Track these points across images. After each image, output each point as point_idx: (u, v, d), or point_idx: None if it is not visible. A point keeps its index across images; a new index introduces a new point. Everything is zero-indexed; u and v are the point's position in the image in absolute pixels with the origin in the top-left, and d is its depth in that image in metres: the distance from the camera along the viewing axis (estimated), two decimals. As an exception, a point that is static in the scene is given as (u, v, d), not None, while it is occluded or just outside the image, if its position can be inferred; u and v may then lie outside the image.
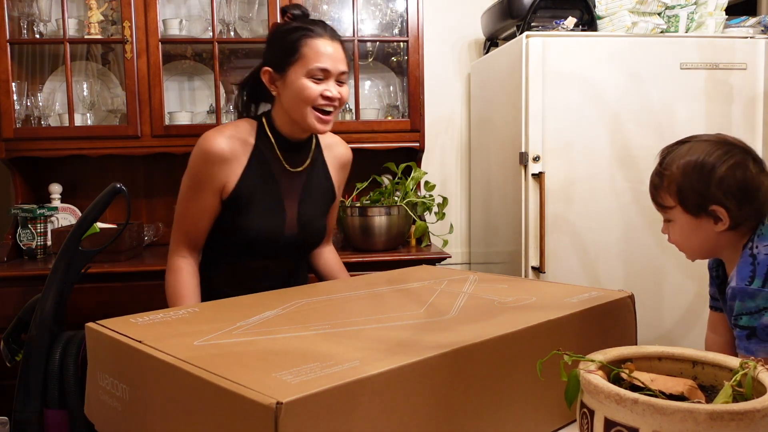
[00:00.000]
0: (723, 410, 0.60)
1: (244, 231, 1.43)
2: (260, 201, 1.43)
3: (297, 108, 1.40)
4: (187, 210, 1.45)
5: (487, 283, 1.27)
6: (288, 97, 1.41)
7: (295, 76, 1.38)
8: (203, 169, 1.41)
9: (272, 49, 1.43)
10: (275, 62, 1.42)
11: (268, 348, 0.80)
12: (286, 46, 1.39)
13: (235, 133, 1.44)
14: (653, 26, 2.35)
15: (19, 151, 2.38)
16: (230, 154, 1.41)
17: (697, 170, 1.13)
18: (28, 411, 1.17)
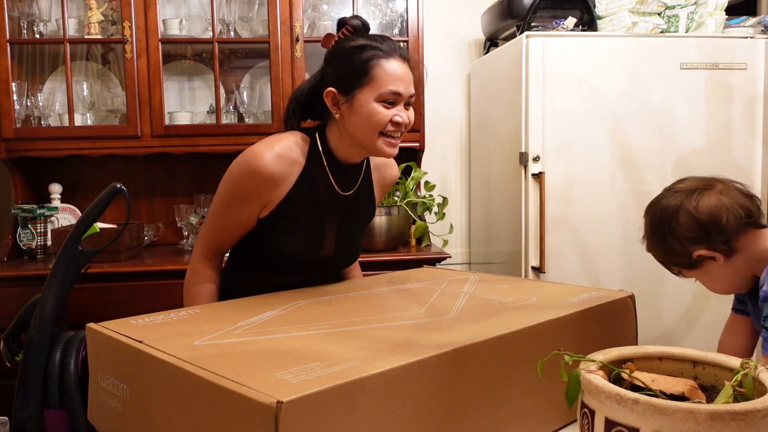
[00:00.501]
0: (723, 410, 0.60)
1: (279, 250, 1.36)
2: (301, 223, 1.36)
3: (365, 133, 1.29)
4: (220, 220, 1.36)
5: (487, 283, 1.27)
6: (355, 122, 1.29)
7: (364, 100, 1.27)
8: (247, 186, 1.31)
9: (337, 68, 1.30)
10: (341, 83, 1.29)
11: (268, 348, 0.80)
12: (355, 67, 1.27)
13: (286, 151, 1.32)
14: (653, 26, 2.35)
15: (19, 151, 2.38)
16: (279, 175, 1.30)
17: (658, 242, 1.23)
18: (28, 411, 1.17)
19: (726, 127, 2.30)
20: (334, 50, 1.33)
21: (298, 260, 1.37)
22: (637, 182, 2.28)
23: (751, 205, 1.17)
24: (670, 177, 2.29)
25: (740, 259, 1.17)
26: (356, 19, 1.34)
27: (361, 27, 1.33)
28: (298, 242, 1.36)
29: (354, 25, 1.33)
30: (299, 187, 1.33)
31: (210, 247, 1.39)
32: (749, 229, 1.16)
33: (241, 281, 1.44)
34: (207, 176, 2.70)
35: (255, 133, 2.46)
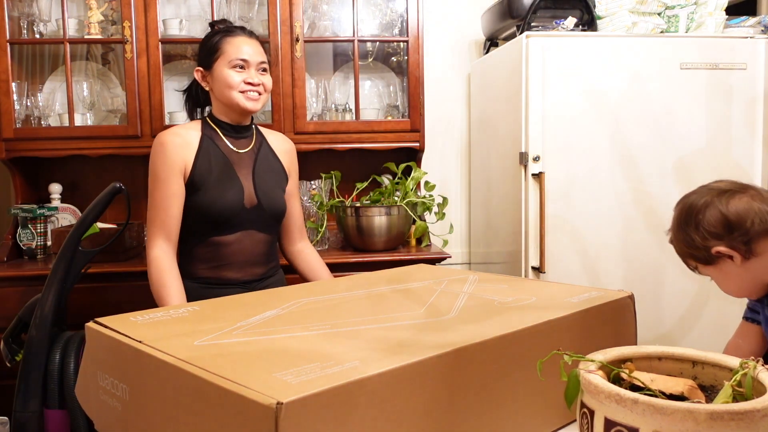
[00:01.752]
0: (723, 410, 0.60)
1: (207, 205, 1.60)
2: (216, 177, 1.62)
3: (226, 94, 1.63)
4: (156, 200, 1.59)
5: (487, 283, 1.27)
6: (219, 87, 1.65)
7: (220, 69, 1.64)
8: (165, 157, 1.59)
9: (200, 53, 1.70)
10: (203, 62, 1.67)
11: (268, 348, 0.80)
12: (210, 47, 1.66)
13: (180, 127, 1.68)
14: (653, 26, 2.35)
15: (19, 151, 2.38)
16: (181, 140, 1.62)
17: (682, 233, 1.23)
18: (28, 411, 1.17)
19: (726, 127, 2.30)
20: (201, 43, 1.71)
21: (227, 211, 1.61)
22: (637, 182, 2.28)
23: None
24: (670, 177, 2.29)
25: (757, 264, 1.17)
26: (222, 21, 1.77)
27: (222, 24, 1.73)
28: (219, 195, 1.60)
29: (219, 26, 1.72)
30: (202, 149, 1.63)
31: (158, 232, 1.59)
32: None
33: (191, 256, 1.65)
34: (207, 176, 2.70)
35: (255, 133, 2.46)
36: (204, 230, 1.63)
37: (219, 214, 1.61)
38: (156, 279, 1.55)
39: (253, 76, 1.64)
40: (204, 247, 1.64)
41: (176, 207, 1.60)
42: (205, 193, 1.60)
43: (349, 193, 2.47)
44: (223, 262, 1.64)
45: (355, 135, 2.50)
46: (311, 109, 2.58)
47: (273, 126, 2.44)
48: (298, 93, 2.45)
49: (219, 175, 1.62)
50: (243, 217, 1.64)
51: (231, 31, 1.67)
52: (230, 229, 1.64)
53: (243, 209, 1.64)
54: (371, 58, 2.72)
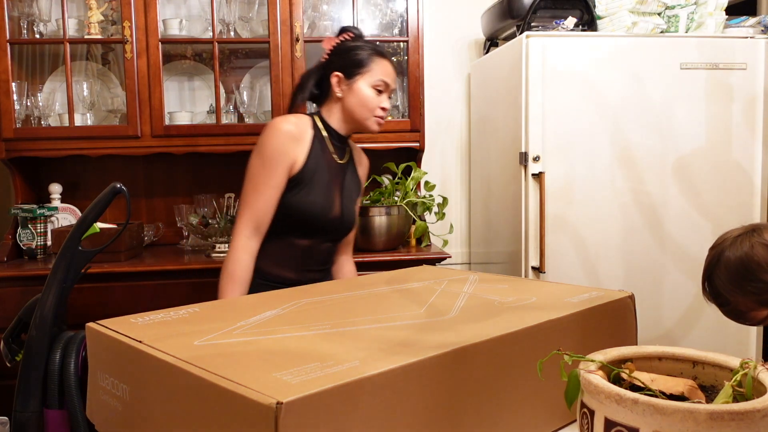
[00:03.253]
0: (723, 410, 0.60)
1: (303, 208, 1.60)
2: (318, 182, 1.62)
3: (360, 111, 1.65)
4: (258, 187, 1.56)
5: (487, 283, 1.27)
6: (353, 101, 1.64)
7: (362, 85, 1.64)
8: (277, 145, 1.57)
9: (344, 59, 1.66)
10: (346, 70, 1.65)
11: (268, 348, 0.80)
12: (358, 59, 1.64)
13: (298, 119, 1.64)
14: (653, 26, 2.35)
15: (19, 151, 2.38)
16: (298, 133, 1.60)
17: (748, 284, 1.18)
18: (28, 411, 1.17)
19: (726, 127, 2.30)
20: (340, 47, 1.68)
21: (315, 218, 1.62)
22: (637, 182, 2.28)
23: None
24: (670, 177, 2.29)
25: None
26: (356, 29, 1.74)
27: (360, 34, 1.73)
28: (316, 201, 1.61)
29: (355, 32, 1.72)
30: (314, 148, 1.62)
31: (249, 221, 1.56)
32: None
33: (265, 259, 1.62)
34: (207, 176, 2.70)
35: (255, 133, 2.44)
36: (285, 229, 1.62)
37: (308, 219, 1.62)
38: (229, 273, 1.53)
39: (385, 102, 1.67)
40: (277, 243, 1.63)
41: (275, 199, 1.57)
42: (304, 195, 1.60)
43: (349, 193, 2.47)
44: (289, 263, 1.65)
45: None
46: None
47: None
48: (298, 93, 2.45)
49: (322, 181, 1.63)
50: (324, 226, 1.65)
51: (381, 52, 1.66)
52: (309, 235, 1.65)
53: (327, 219, 1.65)
54: (371, 58, 2.72)
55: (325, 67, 1.69)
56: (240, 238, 1.55)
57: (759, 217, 2.34)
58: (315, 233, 1.65)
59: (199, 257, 2.32)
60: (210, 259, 2.27)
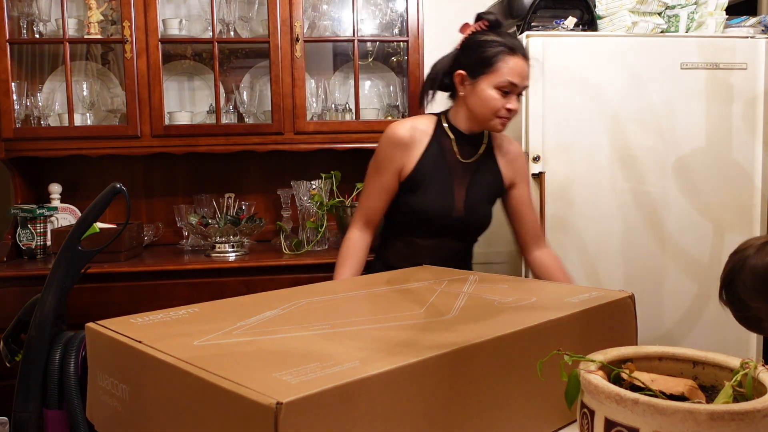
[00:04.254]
0: (723, 410, 0.60)
1: (417, 209, 1.63)
2: (433, 184, 1.63)
3: (482, 112, 1.59)
4: (367, 188, 1.68)
5: (487, 283, 1.27)
6: (475, 102, 1.59)
7: (485, 86, 1.57)
8: (386, 152, 1.64)
9: (470, 56, 1.60)
10: (470, 68, 1.59)
11: (268, 348, 0.80)
12: (484, 58, 1.56)
13: (415, 124, 1.66)
14: (653, 26, 2.35)
15: (19, 151, 2.38)
16: (410, 139, 1.63)
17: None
18: (27, 411, 1.17)
19: (726, 127, 2.30)
20: (470, 40, 1.62)
21: (432, 219, 1.63)
22: (637, 182, 2.28)
23: None
24: (670, 177, 2.29)
25: None
26: (492, 14, 1.63)
27: (495, 23, 1.63)
28: (432, 202, 1.62)
29: (490, 21, 1.62)
30: (428, 153, 1.63)
31: (361, 216, 1.69)
32: None
33: (389, 246, 1.73)
34: (207, 176, 2.70)
35: (255, 133, 2.46)
36: (406, 229, 1.68)
37: (425, 221, 1.64)
38: (341, 256, 1.69)
39: (513, 102, 1.59)
40: (402, 242, 1.70)
41: (383, 200, 1.67)
42: (418, 197, 1.63)
43: (349, 193, 2.47)
44: (415, 261, 1.63)
45: (355, 135, 2.50)
46: (311, 109, 2.58)
47: (273, 126, 2.44)
48: (298, 93, 2.45)
49: (437, 183, 1.63)
50: (446, 226, 1.66)
51: (513, 49, 1.57)
52: (431, 235, 1.67)
53: (448, 219, 1.65)
54: (371, 58, 2.72)
55: (455, 59, 1.65)
56: (353, 230, 1.70)
57: (759, 217, 2.34)
58: (437, 233, 1.67)
59: (198, 257, 2.32)
60: (210, 259, 2.27)
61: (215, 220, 2.39)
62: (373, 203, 1.68)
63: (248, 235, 2.38)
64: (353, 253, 1.68)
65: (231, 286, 2.19)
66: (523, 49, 1.59)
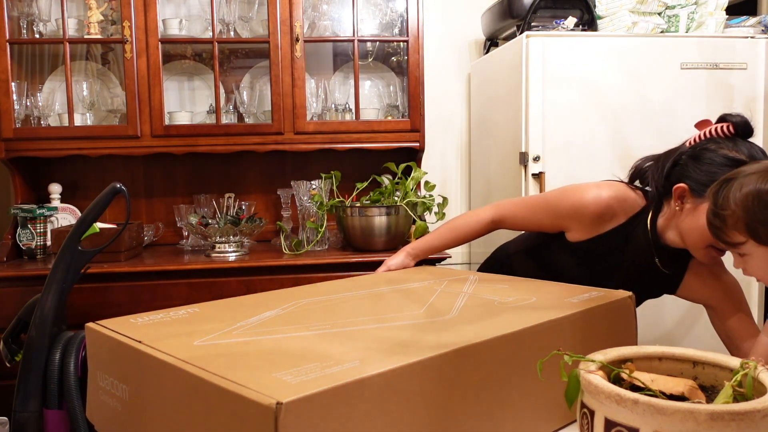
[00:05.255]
0: (723, 410, 0.60)
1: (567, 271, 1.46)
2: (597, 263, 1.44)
3: (695, 239, 1.29)
4: (527, 209, 1.53)
5: (487, 283, 1.27)
6: (691, 224, 1.29)
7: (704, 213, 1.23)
8: (565, 211, 1.44)
9: (702, 172, 1.28)
10: (697, 186, 1.28)
11: (268, 348, 0.80)
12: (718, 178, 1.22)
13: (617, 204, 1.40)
14: (653, 26, 2.35)
15: (18, 151, 2.38)
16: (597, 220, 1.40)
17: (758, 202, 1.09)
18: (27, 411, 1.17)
19: (726, 127, 2.30)
20: (708, 150, 1.29)
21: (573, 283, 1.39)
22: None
23: None
24: (670, 177, 2.29)
25: None
26: (740, 117, 1.32)
27: (744, 129, 1.31)
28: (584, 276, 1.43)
29: (736, 124, 1.30)
30: (611, 237, 1.41)
31: (502, 214, 1.56)
32: None
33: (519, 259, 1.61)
34: (207, 176, 2.70)
35: (255, 133, 2.46)
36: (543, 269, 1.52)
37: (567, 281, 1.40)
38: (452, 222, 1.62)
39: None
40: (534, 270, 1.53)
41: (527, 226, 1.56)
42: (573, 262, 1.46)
43: (349, 193, 2.47)
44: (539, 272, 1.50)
45: (355, 135, 2.50)
46: (311, 109, 2.58)
47: (273, 126, 2.44)
48: (298, 93, 2.45)
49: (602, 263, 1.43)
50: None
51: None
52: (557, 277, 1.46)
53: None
54: (371, 58, 2.72)
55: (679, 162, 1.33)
56: (485, 211, 1.58)
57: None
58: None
59: (198, 257, 2.32)
60: (210, 259, 2.27)
61: (215, 220, 2.39)
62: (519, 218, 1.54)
63: (248, 235, 2.38)
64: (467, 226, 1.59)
65: (231, 286, 2.18)
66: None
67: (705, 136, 1.33)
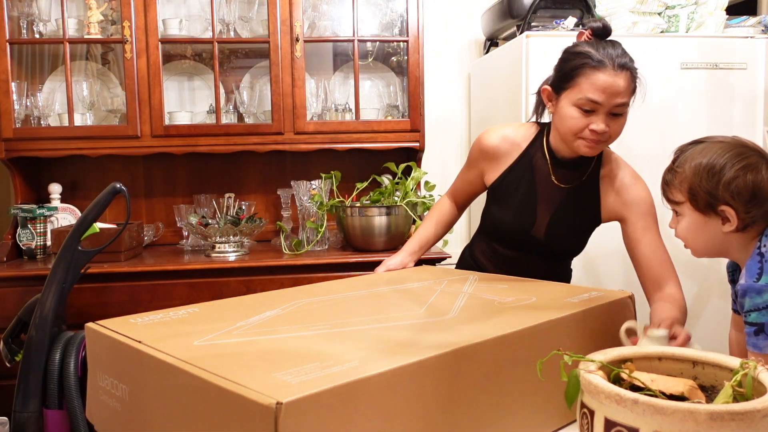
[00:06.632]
0: (723, 410, 0.60)
1: (495, 220, 1.58)
2: (515, 200, 1.54)
3: (563, 132, 1.41)
4: (460, 172, 1.70)
5: (487, 283, 1.27)
6: (557, 121, 1.42)
7: (564, 103, 1.38)
8: (473, 154, 1.61)
9: (557, 69, 1.42)
10: (555, 83, 1.42)
11: (268, 348, 0.80)
12: (566, 71, 1.38)
13: (511, 134, 1.56)
14: (653, 26, 2.35)
15: (19, 151, 2.38)
16: (495, 149, 1.55)
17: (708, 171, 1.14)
18: (27, 411, 1.17)
19: (726, 127, 2.30)
20: (565, 53, 1.41)
21: (508, 232, 1.57)
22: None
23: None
24: (670, 177, 2.29)
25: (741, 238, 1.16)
26: (599, 22, 1.41)
27: (600, 31, 1.40)
28: (509, 216, 1.54)
29: (594, 28, 1.40)
30: (516, 167, 1.53)
31: (451, 192, 1.74)
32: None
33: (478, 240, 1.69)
34: (207, 176, 2.70)
35: (255, 133, 2.46)
36: (489, 233, 1.65)
37: (502, 234, 1.59)
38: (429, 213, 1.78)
39: (599, 122, 1.35)
40: (486, 243, 1.66)
41: (467, 189, 1.68)
42: (497, 210, 1.57)
43: (349, 193, 2.47)
44: (501, 267, 1.61)
45: (355, 135, 2.50)
46: (311, 109, 2.58)
47: (273, 126, 2.44)
48: (298, 93, 2.45)
49: (519, 200, 1.53)
50: (525, 243, 1.55)
51: (601, 61, 1.33)
52: (511, 247, 1.59)
53: (527, 237, 1.54)
54: (371, 58, 2.72)
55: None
56: (443, 197, 1.77)
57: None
58: (518, 248, 1.58)
59: (198, 257, 2.32)
60: (210, 259, 2.27)
61: (215, 220, 2.39)
62: (458, 186, 1.71)
63: (248, 235, 2.38)
64: (438, 210, 1.74)
65: (231, 286, 2.18)
66: (616, 59, 1.35)
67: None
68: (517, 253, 1.59)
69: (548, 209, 1.52)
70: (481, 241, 1.69)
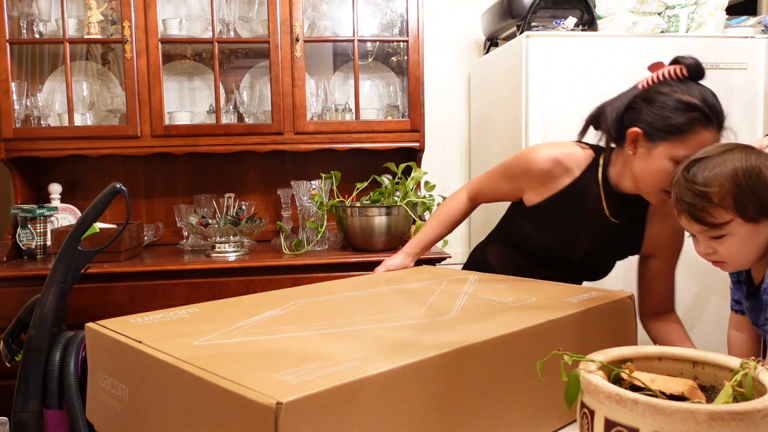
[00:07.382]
0: (723, 410, 0.60)
1: (528, 239, 1.50)
2: (555, 224, 1.45)
3: (648, 183, 1.28)
4: (492, 175, 1.58)
5: (487, 283, 1.27)
6: (644, 168, 1.27)
7: (662, 154, 1.24)
8: (516, 171, 1.49)
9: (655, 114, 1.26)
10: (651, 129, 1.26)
11: (268, 348, 0.80)
12: (673, 124, 1.24)
13: (563, 159, 1.42)
14: (653, 26, 2.35)
15: (19, 151, 2.38)
16: (547, 175, 1.42)
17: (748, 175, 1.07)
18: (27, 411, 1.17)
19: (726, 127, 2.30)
20: (661, 93, 1.28)
21: (543, 255, 1.49)
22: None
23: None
24: (670, 177, 2.29)
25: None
26: (692, 59, 1.32)
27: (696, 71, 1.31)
28: (547, 239, 1.46)
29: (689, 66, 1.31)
30: (565, 195, 1.42)
31: (473, 190, 1.63)
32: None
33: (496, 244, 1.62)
34: (207, 176, 2.70)
35: (255, 133, 2.46)
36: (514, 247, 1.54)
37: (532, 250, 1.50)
38: (437, 210, 1.67)
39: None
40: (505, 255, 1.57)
41: (494, 196, 1.59)
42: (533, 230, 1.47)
43: (349, 193, 2.47)
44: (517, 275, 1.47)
45: (355, 135, 2.50)
46: (311, 109, 2.58)
47: (273, 126, 2.44)
48: (298, 93, 2.45)
49: (560, 225, 1.44)
50: (558, 264, 1.49)
51: (709, 118, 1.25)
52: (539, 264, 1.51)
53: (561, 260, 1.48)
54: (371, 58, 2.72)
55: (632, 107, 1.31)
56: (461, 192, 1.65)
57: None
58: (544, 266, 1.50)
59: (198, 257, 2.32)
60: (210, 259, 2.27)
61: (215, 220, 2.39)
62: (485, 190, 1.60)
63: (248, 235, 2.38)
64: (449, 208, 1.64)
65: (231, 286, 2.19)
66: (719, 114, 1.28)
67: (658, 78, 1.32)
68: (540, 268, 1.51)
69: (590, 235, 1.45)
70: (499, 250, 1.61)
